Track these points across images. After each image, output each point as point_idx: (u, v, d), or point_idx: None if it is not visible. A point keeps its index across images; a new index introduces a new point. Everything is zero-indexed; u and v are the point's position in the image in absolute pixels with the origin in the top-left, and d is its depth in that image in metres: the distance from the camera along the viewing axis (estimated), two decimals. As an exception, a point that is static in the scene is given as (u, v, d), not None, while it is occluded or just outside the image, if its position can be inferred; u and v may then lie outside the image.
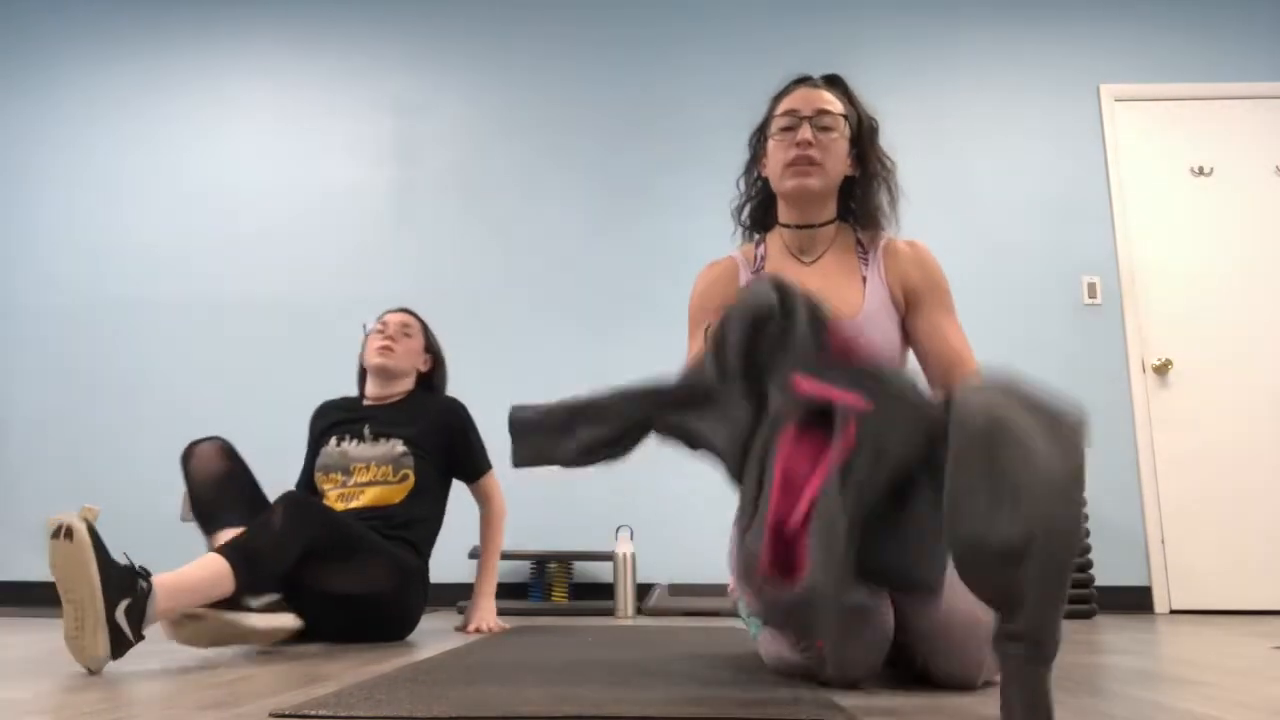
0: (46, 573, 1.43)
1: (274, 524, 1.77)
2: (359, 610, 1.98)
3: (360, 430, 2.28)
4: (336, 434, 2.30)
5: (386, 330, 2.39)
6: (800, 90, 1.50)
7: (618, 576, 3.36)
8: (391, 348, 2.35)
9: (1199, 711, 1.01)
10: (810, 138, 1.45)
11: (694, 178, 4.04)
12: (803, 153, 1.45)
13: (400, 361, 2.37)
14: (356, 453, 2.25)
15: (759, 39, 4.22)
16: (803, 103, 1.48)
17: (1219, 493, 3.67)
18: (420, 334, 2.46)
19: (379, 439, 2.26)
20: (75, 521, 1.46)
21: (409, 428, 2.27)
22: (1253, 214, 3.93)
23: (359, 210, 4.13)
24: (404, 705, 1.00)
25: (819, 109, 1.46)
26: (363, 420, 2.30)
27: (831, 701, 1.05)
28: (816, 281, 1.48)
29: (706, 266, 1.64)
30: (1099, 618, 3.15)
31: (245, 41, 4.33)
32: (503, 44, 4.29)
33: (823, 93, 1.49)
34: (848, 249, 1.54)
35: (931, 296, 1.49)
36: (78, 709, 1.01)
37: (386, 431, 2.26)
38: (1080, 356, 3.82)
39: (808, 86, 1.50)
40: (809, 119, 1.46)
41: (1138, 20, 4.17)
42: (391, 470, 2.22)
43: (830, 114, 1.46)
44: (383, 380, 2.38)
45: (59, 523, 1.44)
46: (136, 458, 3.88)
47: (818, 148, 1.45)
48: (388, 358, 2.34)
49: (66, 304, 4.05)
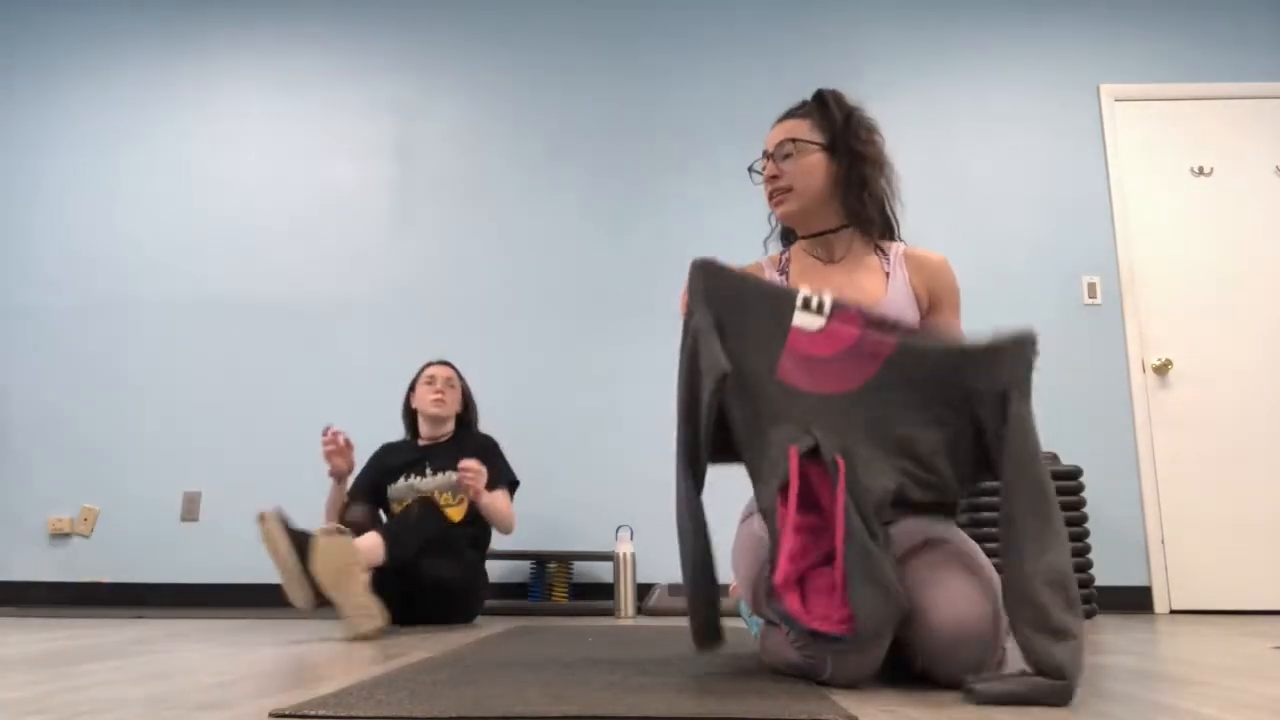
0: (47, 573, 1.43)
1: (411, 516, 2.46)
2: (447, 593, 2.60)
3: (423, 468, 2.89)
4: (405, 473, 2.89)
5: (435, 384, 2.96)
6: (772, 130, 1.62)
7: (618, 576, 3.36)
8: (443, 399, 2.95)
9: (1199, 711, 1.01)
10: (774, 170, 1.58)
11: (694, 177, 4.04)
12: (772, 186, 1.59)
13: (450, 409, 2.98)
14: (422, 485, 2.85)
15: (758, 39, 4.22)
16: (769, 141, 1.61)
17: (1219, 493, 3.67)
18: (459, 383, 3.03)
19: (438, 472, 2.86)
20: (268, 512, 2.17)
21: (460, 461, 2.77)
22: (1253, 214, 3.93)
23: (359, 210, 4.13)
24: (404, 705, 1.00)
25: (779, 141, 1.58)
26: (423, 460, 2.90)
27: (831, 701, 1.05)
28: (840, 275, 1.57)
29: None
30: (1099, 618, 3.15)
31: (245, 42, 4.33)
32: (503, 44, 4.29)
33: (786, 123, 1.60)
34: (867, 254, 1.61)
35: (945, 303, 1.58)
36: (77, 709, 1.01)
37: (444, 466, 2.84)
38: (1080, 356, 3.82)
39: (778, 123, 1.62)
40: (771, 155, 1.59)
41: (1138, 20, 4.17)
42: (451, 495, 2.81)
43: (790, 141, 1.57)
44: (435, 424, 2.97)
45: (259, 514, 2.18)
46: (137, 458, 3.88)
47: (782, 176, 1.57)
48: (441, 408, 2.95)
49: (67, 304, 4.05)
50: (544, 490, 3.73)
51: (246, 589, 3.51)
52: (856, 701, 1.07)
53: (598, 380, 3.89)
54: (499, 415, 3.22)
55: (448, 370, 3.02)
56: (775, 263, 1.67)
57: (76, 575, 3.73)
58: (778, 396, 1.25)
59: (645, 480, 3.68)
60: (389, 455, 2.98)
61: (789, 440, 1.19)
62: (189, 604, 3.62)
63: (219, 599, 3.61)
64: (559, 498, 3.73)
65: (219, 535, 3.76)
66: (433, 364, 3.05)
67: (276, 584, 2.50)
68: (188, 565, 3.73)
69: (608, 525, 3.61)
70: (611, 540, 3.52)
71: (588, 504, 3.72)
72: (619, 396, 3.84)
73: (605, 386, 3.87)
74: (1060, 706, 1.02)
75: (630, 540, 3.44)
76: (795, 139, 1.58)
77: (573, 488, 3.76)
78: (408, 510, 2.49)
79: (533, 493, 3.67)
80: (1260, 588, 3.57)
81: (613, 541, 3.50)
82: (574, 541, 3.66)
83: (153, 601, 3.65)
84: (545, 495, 3.71)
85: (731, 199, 2.98)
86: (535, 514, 3.66)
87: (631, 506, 3.63)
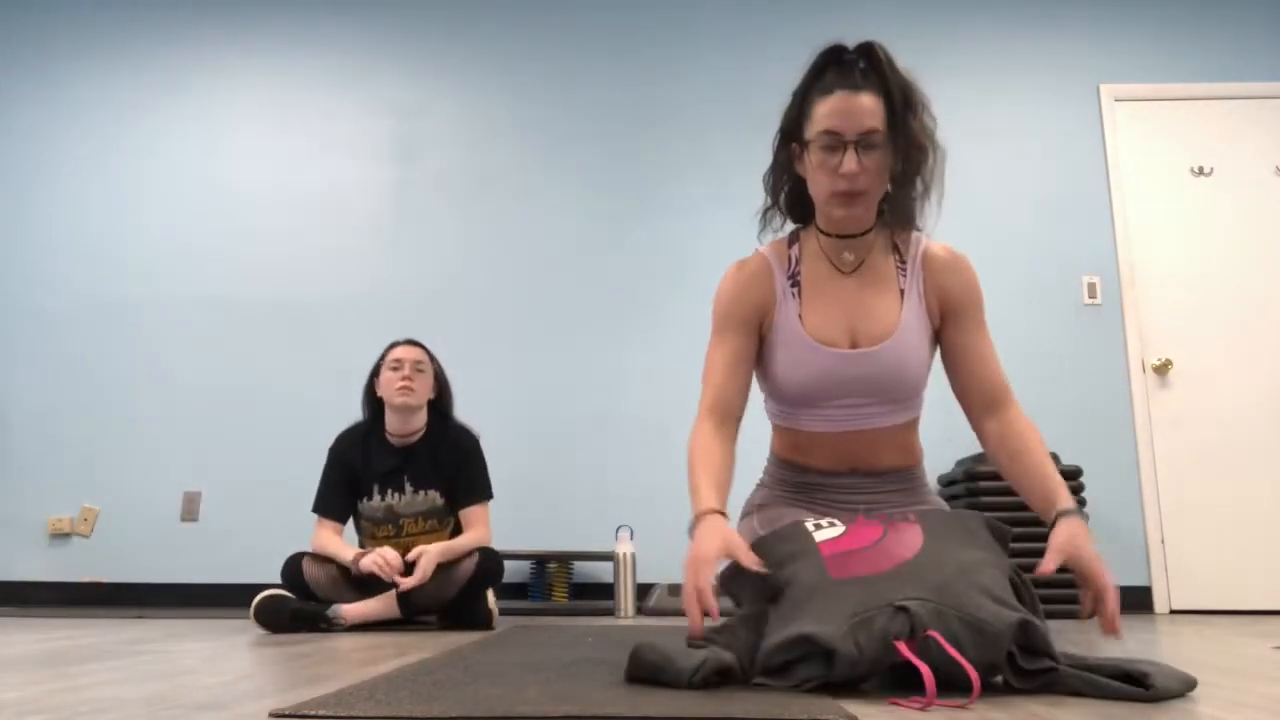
0: (46, 573, 1.43)
1: (426, 590, 2.40)
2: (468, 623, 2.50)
3: (400, 482, 2.59)
4: (379, 485, 2.60)
5: (403, 369, 2.56)
6: (839, 99, 1.34)
7: (618, 576, 3.36)
8: (411, 387, 2.55)
9: (1199, 711, 1.00)
10: (855, 167, 1.33)
11: (693, 179, 4.05)
12: (851, 187, 1.35)
13: (420, 398, 2.59)
14: (402, 508, 2.60)
15: (757, 39, 4.22)
16: (845, 121, 1.33)
17: (1219, 493, 3.67)
18: (429, 366, 2.63)
19: (419, 490, 2.60)
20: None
21: (440, 477, 2.60)
22: (1253, 214, 3.93)
23: (359, 210, 4.13)
24: (404, 705, 1.00)
25: (863, 130, 1.33)
26: (399, 472, 2.59)
27: (832, 701, 1.05)
28: (854, 294, 1.44)
29: (735, 266, 1.53)
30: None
31: (245, 43, 4.33)
32: (502, 45, 4.29)
33: (864, 100, 1.34)
34: (885, 256, 1.47)
35: (968, 312, 1.46)
36: (77, 709, 1.01)
37: (424, 484, 2.60)
38: (1080, 356, 3.82)
39: (846, 91, 1.34)
40: (854, 143, 1.33)
41: (1138, 20, 4.17)
42: (437, 521, 2.62)
43: (874, 131, 1.33)
44: (404, 416, 2.59)
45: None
46: (137, 458, 3.88)
47: (864, 174, 1.35)
48: (409, 397, 2.55)
49: (67, 304, 4.06)
50: (544, 490, 3.73)
51: (246, 589, 3.50)
52: (857, 701, 1.06)
53: (598, 380, 3.89)
54: (499, 415, 3.23)
55: (417, 351, 2.62)
56: (784, 260, 1.50)
57: (76, 575, 3.73)
58: (844, 590, 1.14)
59: (645, 480, 3.69)
60: (354, 456, 2.63)
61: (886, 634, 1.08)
62: (189, 604, 3.62)
63: (219, 599, 3.61)
64: (559, 498, 3.73)
65: (219, 535, 3.76)
66: (399, 344, 2.64)
67: (276, 584, 2.52)
68: (188, 565, 3.73)
69: (608, 525, 3.61)
70: (611, 540, 3.52)
71: (588, 504, 3.72)
72: (619, 396, 3.84)
73: (605, 386, 3.87)
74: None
75: (630, 540, 3.44)
76: (879, 129, 1.34)
77: (573, 488, 3.76)
78: (421, 589, 2.38)
79: (533, 493, 3.68)
80: (1260, 588, 3.57)
81: (613, 541, 3.50)
82: (574, 541, 3.66)
83: (153, 601, 3.66)
84: (545, 495, 3.72)
85: (733, 199, 2.98)
86: (535, 514, 3.66)
87: (631, 506, 3.63)
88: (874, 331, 1.43)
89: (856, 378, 1.42)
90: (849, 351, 1.42)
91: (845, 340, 1.43)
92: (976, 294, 1.48)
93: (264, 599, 2.37)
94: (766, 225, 1.54)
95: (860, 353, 1.42)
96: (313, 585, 2.48)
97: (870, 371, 1.42)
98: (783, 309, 1.47)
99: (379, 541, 2.60)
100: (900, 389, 1.44)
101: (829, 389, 1.44)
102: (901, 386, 1.44)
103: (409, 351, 2.60)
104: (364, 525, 2.65)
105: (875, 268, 1.46)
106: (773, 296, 1.48)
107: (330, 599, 2.45)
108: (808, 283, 1.47)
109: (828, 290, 1.46)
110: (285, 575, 2.51)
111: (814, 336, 1.44)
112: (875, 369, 1.42)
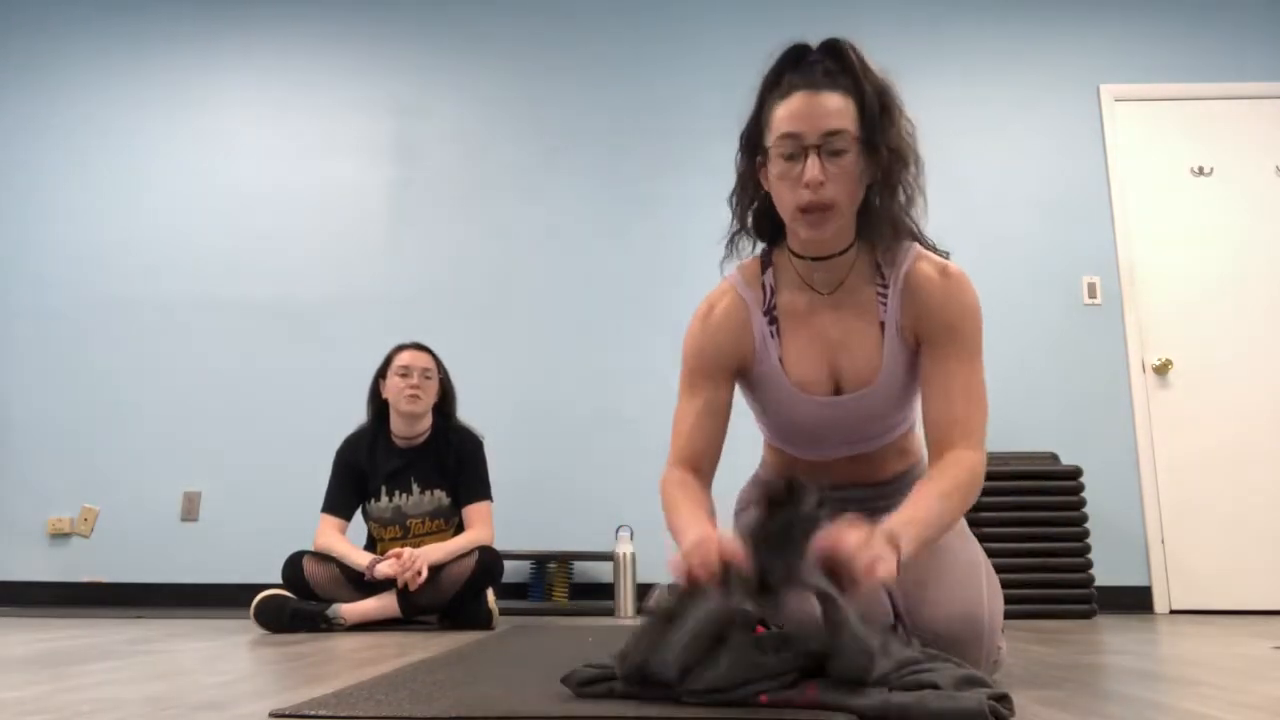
0: (46, 573, 1.43)
1: (424, 591, 2.44)
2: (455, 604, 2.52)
3: (407, 482, 2.65)
4: (386, 486, 2.65)
5: (411, 376, 2.62)
6: (800, 99, 1.22)
7: (618, 576, 3.36)
8: (419, 395, 2.62)
9: (1199, 711, 1.00)
10: (819, 174, 1.19)
11: (693, 178, 4.04)
12: (815, 198, 1.20)
13: (426, 404, 2.66)
14: (410, 508, 2.65)
15: (756, 39, 4.20)
16: (806, 123, 1.20)
17: (1219, 493, 3.67)
18: (436, 373, 2.71)
19: (425, 491, 2.66)
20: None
21: (445, 477, 2.66)
22: (1253, 214, 3.92)
23: (359, 210, 4.13)
24: (404, 705, 1.00)
25: (826, 130, 1.19)
26: (405, 471, 2.65)
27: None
28: (833, 326, 1.31)
29: (704, 305, 1.38)
30: (1099, 618, 3.15)
31: (245, 43, 4.33)
32: (502, 45, 4.28)
33: (826, 99, 1.21)
34: (866, 282, 1.32)
35: (942, 339, 1.27)
36: (77, 709, 1.01)
37: (431, 484, 2.66)
38: (1080, 356, 3.82)
39: (807, 91, 1.22)
40: (816, 147, 1.19)
41: (1138, 20, 4.16)
42: (444, 521, 2.67)
43: (840, 132, 1.20)
44: (410, 421, 2.66)
45: None
46: (137, 458, 3.87)
47: (830, 182, 1.20)
48: (417, 405, 2.63)
49: (67, 304, 4.05)
50: (544, 490, 3.73)
51: (246, 589, 3.50)
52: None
53: (598, 380, 3.89)
54: (498, 415, 3.22)
55: (425, 358, 2.68)
56: (758, 294, 1.35)
57: (76, 575, 3.72)
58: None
59: (645, 480, 3.68)
60: (361, 458, 2.69)
61: None
62: (189, 604, 3.62)
63: (219, 599, 3.61)
64: (559, 498, 3.73)
65: (219, 535, 3.76)
66: (406, 348, 2.69)
67: (277, 584, 2.52)
68: (188, 565, 3.73)
69: (608, 525, 3.61)
70: (611, 540, 3.52)
71: (588, 504, 3.72)
72: (619, 396, 3.84)
73: (605, 386, 3.87)
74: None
75: (630, 540, 3.44)
76: (845, 130, 1.20)
77: (573, 488, 3.76)
78: (421, 588, 2.42)
79: (533, 493, 3.68)
80: (1260, 588, 3.57)
81: (613, 541, 3.50)
82: (574, 541, 3.66)
83: (152, 601, 3.65)
84: (545, 495, 3.72)
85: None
86: (535, 514, 3.66)
87: (631, 506, 3.63)
88: (857, 372, 1.32)
89: (842, 418, 1.34)
90: (831, 399, 1.33)
91: (828, 384, 1.33)
92: (958, 320, 1.26)
93: (264, 599, 2.38)
94: (733, 252, 1.39)
95: (843, 399, 1.33)
96: (313, 584, 2.51)
97: (856, 414, 1.34)
98: (762, 355, 1.34)
99: (387, 544, 2.64)
100: (890, 421, 1.38)
101: (815, 431, 1.38)
102: (891, 421, 1.38)
103: (417, 358, 2.66)
104: (372, 527, 2.71)
105: (854, 294, 1.31)
106: (750, 344, 1.34)
107: (331, 598, 2.48)
108: (785, 317, 1.33)
109: (809, 324, 1.33)
110: (286, 573, 2.52)
111: (795, 382, 1.33)
112: (862, 413, 1.34)
